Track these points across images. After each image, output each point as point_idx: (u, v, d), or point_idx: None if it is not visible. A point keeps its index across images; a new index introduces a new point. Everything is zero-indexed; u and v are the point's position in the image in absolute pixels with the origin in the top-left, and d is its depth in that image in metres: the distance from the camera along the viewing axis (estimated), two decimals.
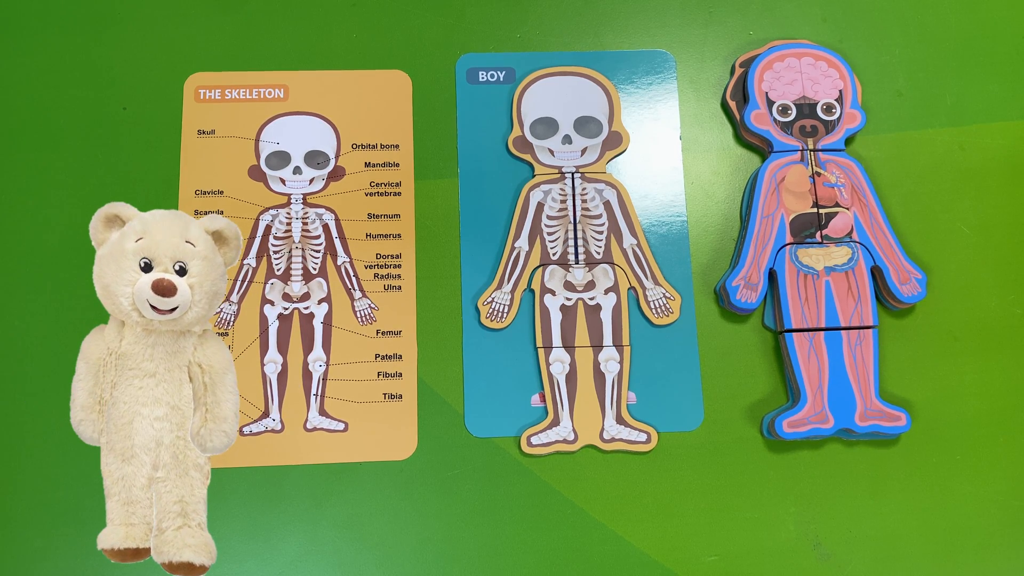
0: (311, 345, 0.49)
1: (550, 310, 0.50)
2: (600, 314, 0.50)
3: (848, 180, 0.51)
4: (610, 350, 0.48)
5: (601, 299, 0.50)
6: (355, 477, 0.48)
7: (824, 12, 0.55)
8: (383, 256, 0.51)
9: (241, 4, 0.54)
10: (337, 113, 0.53)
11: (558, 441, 0.48)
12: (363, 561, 0.47)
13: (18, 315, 0.49)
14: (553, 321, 0.49)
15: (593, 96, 0.53)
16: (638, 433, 0.48)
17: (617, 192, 0.52)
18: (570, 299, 0.50)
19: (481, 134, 0.53)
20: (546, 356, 0.48)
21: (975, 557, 0.48)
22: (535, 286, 0.50)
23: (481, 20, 0.55)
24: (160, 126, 0.52)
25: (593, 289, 0.50)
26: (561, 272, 0.50)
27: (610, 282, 0.50)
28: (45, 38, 0.53)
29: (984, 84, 0.55)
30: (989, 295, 0.51)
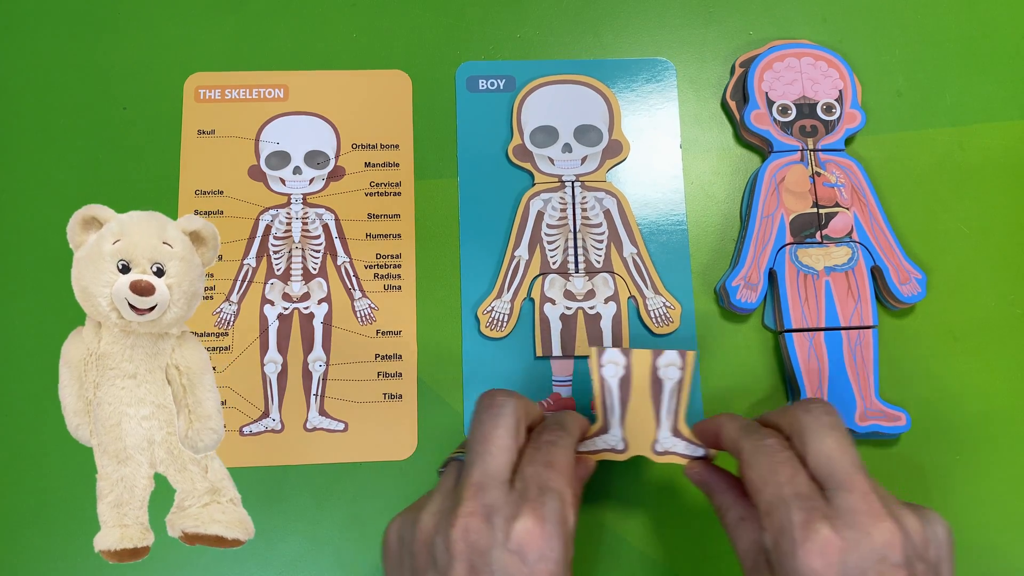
0: (311, 345, 0.49)
1: (550, 319, 0.50)
2: (600, 323, 0.50)
3: (848, 180, 0.51)
4: (671, 355, 0.43)
5: (601, 308, 0.50)
6: (355, 477, 0.48)
7: (824, 12, 0.55)
8: (383, 256, 0.51)
9: (241, 4, 0.54)
10: (337, 113, 0.53)
11: (606, 450, 0.43)
12: (363, 561, 0.47)
13: (18, 315, 0.49)
14: (553, 330, 0.49)
15: (593, 104, 0.53)
16: (695, 448, 0.42)
17: (617, 201, 0.52)
18: (570, 308, 0.50)
19: (481, 142, 0.52)
20: (599, 357, 0.43)
21: (975, 557, 0.48)
22: (535, 295, 0.50)
23: (481, 20, 0.55)
24: (160, 126, 0.52)
25: (593, 298, 0.50)
26: (561, 281, 0.50)
27: (610, 291, 0.50)
28: (45, 38, 0.53)
29: (984, 84, 0.55)
30: (989, 295, 0.51)
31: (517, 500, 0.35)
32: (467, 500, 0.35)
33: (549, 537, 0.34)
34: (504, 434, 0.37)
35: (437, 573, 0.34)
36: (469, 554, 0.34)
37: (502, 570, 0.33)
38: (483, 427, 0.37)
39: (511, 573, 0.33)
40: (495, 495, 0.35)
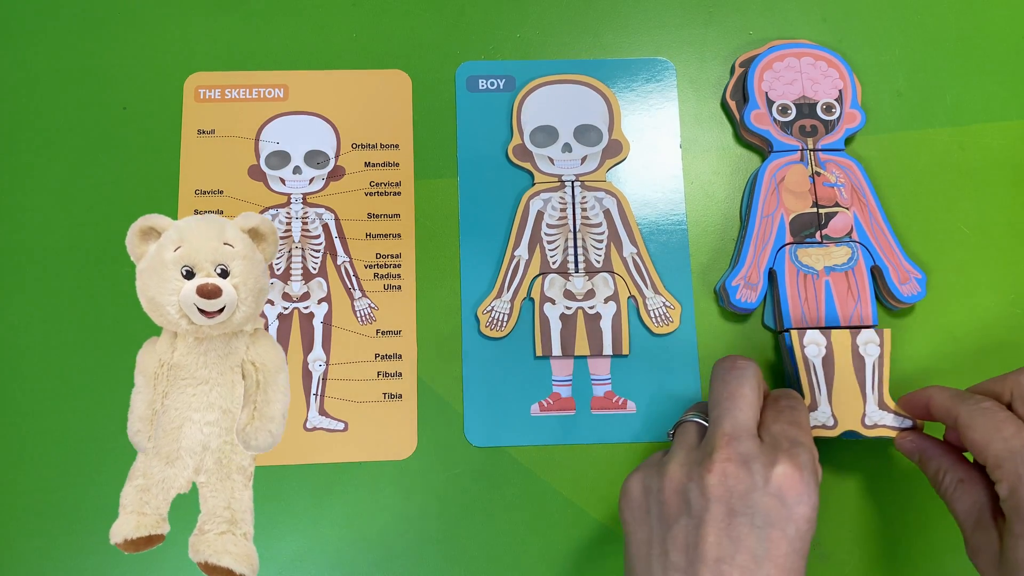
0: (311, 345, 0.49)
1: (550, 319, 0.50)
2: (600, 323, 0.50)
3: (848, 180, 0.51)
4: (869, 333, 0.47)
5: (601, 308, 0.50)
6: (355, 477, 0.48)
7: (824, 12, 0.55)
8: (383, 256, 0.51)
9: (241, 4, 0.54)
10: (337, 113, 0.53)
11: (817, 427, 0.45)
12: (363, 561, 0.47)
13: (18, 315, 0.49)
14: (553, 330, 0.49)
15: (593, 104, 0.53)
16: (903, 419, 0.45)
17: (617, 201, 0.52)
18: (570, 308, 0.50)
19: (481, 142, 0.52)
20: (800, 339, 0.47)
21: None
22: (535, 295, 0.50)
23: (481, 20, 0.55)
24: (160, 126, 0.52)
25: (593, 298, 0.50)
26: (561, 281, 0.50)
27: (610, 291, 0.50)
28: (45, 38, 0.53)
29: (984, 84, 0.55)
30: (989, 295, 0.51)
31: (771, 450, 0.37)
32: (721, 448, 0.37)
33: (807, 483, 0.36)
34: (750, 392, 0.39)
35: (691, 518, 0.36)
36: (728, 498, 0.36)
37: (763, 512, 0.35)
38: (729, 386, 0.40)
39: (771, 515, 0.35)
40: (749, 444, 0.37)
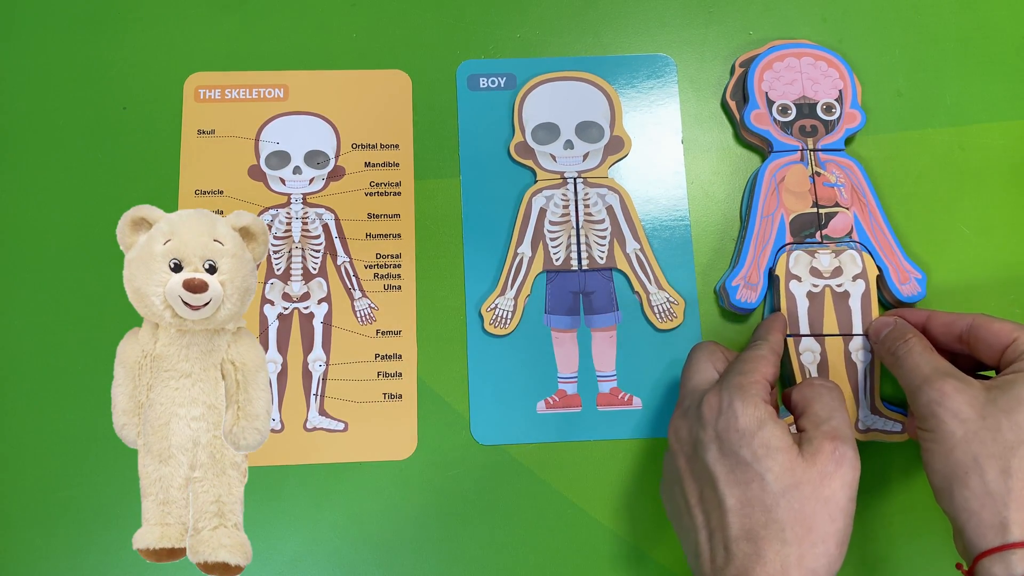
0: (311, 345, 0.49)
1: (796, 296, 0.49)
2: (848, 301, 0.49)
3: (848, 180, 0.51)
4: (860, 339, 0.48)
5: (849, 286, 0.49)
6: (355, 477, 0.48)
7: (824, 12, 0.55)
8: (383, 256, 0.51)
9: (241, 4, 0.54)
10: (337, 113, 0.53)
11: None
12: (363, 561, 0.47)
13: (18, 315, 0.49)
14: (800, 308, 0.48)
15: (594, 101, 0.53)
16: (893, 424, 0.47)
17: (620, 197, 0.52)
18: (816, 286, 0.49)
19: (482, 140, 0.52)
20: (795, 345, 0.47)
21: None
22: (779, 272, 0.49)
23: (481, 20, 0.55)
24: (160, 126, 0.52)
25: (840, 275, 0.49)
26: (807, 258, 0.49)
27: (858, 268, 0.49)
28: (45, 38, 0.53)
29: (984, 84, 0.55)
30: (989, 295, 0.51)
31: None
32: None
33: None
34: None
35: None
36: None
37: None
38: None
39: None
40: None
